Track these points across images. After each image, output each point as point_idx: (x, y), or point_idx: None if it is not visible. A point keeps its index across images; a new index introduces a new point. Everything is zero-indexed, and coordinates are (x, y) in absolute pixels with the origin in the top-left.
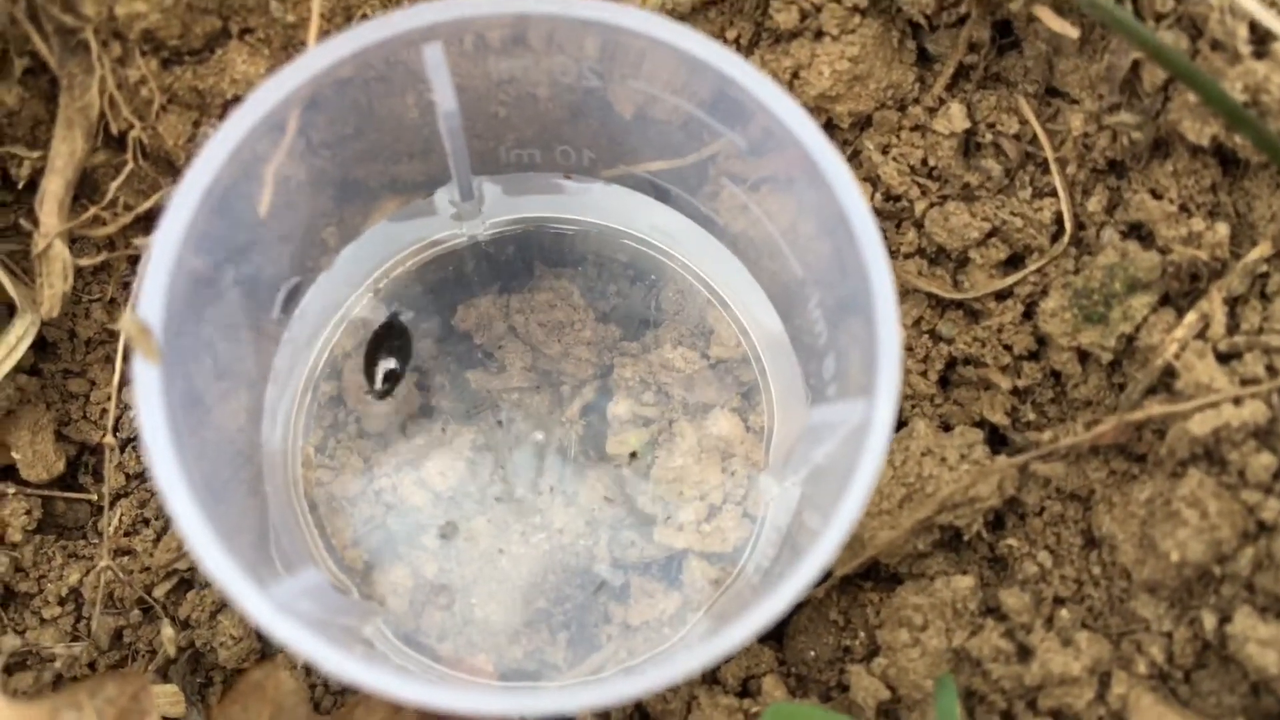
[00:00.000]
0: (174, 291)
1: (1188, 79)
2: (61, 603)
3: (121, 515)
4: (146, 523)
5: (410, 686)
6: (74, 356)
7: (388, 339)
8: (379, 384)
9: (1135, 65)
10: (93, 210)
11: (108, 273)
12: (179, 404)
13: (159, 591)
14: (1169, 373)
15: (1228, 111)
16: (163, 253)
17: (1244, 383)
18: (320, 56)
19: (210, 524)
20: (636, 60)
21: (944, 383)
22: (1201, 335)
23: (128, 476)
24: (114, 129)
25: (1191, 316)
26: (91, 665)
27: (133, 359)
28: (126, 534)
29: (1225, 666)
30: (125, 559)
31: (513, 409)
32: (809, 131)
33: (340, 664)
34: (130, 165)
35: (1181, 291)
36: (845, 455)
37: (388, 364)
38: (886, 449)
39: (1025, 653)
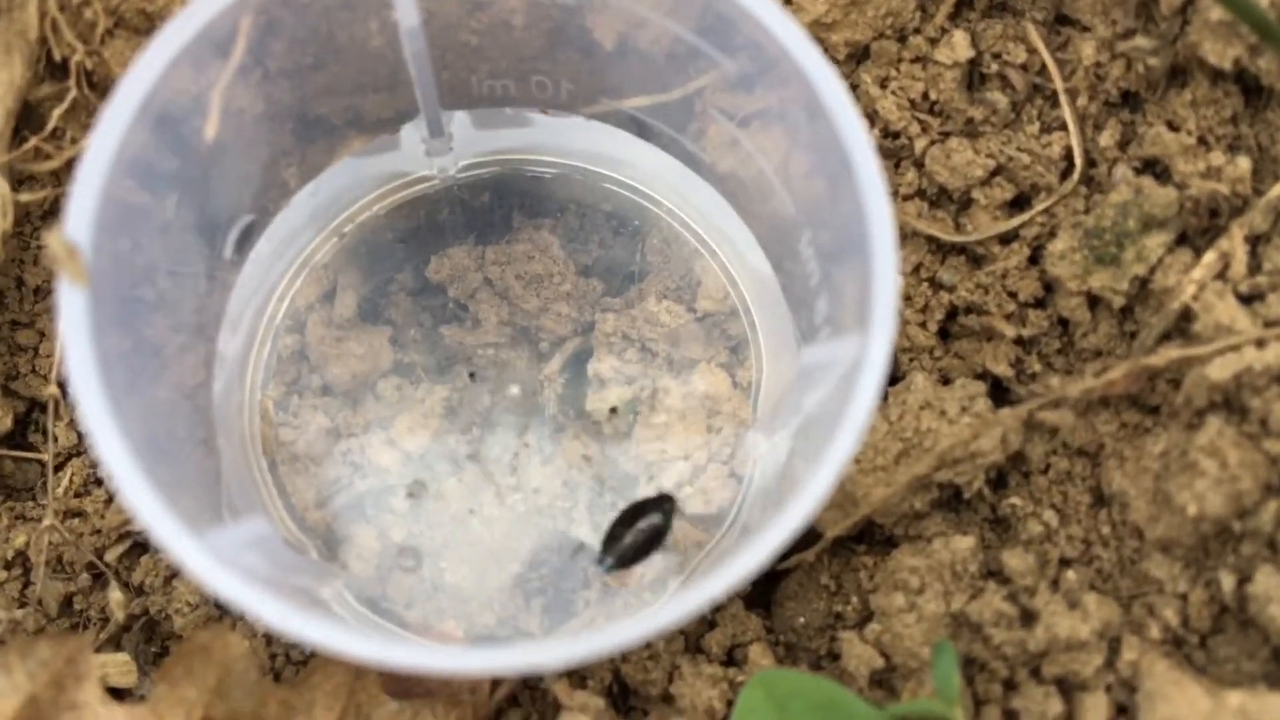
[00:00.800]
0: (106, 220)
1: None
2: (8, 567)
3: (72, 475)
4: (99, 483)
5: (364, 644)
6: (21, 306)
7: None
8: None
9: None
10: (34, 141)
11: (55, 215)
12: (127, 353)
13: (110, 555)
14: (1186, 316)
15: (1256, 25)
16: (91, 174)
17: (1267, 325)
18: None
19: (146, 472)
20: None
21: (944, 334)
22: (1221, 275)
23: (79, 435)
24: (56, 55)
25: (1210, 256)
26: (39, 633)
27: (57, 285)
28: (77, 495)
29: (1244, 630)
30: (75, 521)
31: (488, 365)
32: (808, 55)
33: (284, 617)
34: (74, 93)
35: (1200, 230)
36: (837, 401)
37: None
38: (881, 385)
39: (1029, 617)
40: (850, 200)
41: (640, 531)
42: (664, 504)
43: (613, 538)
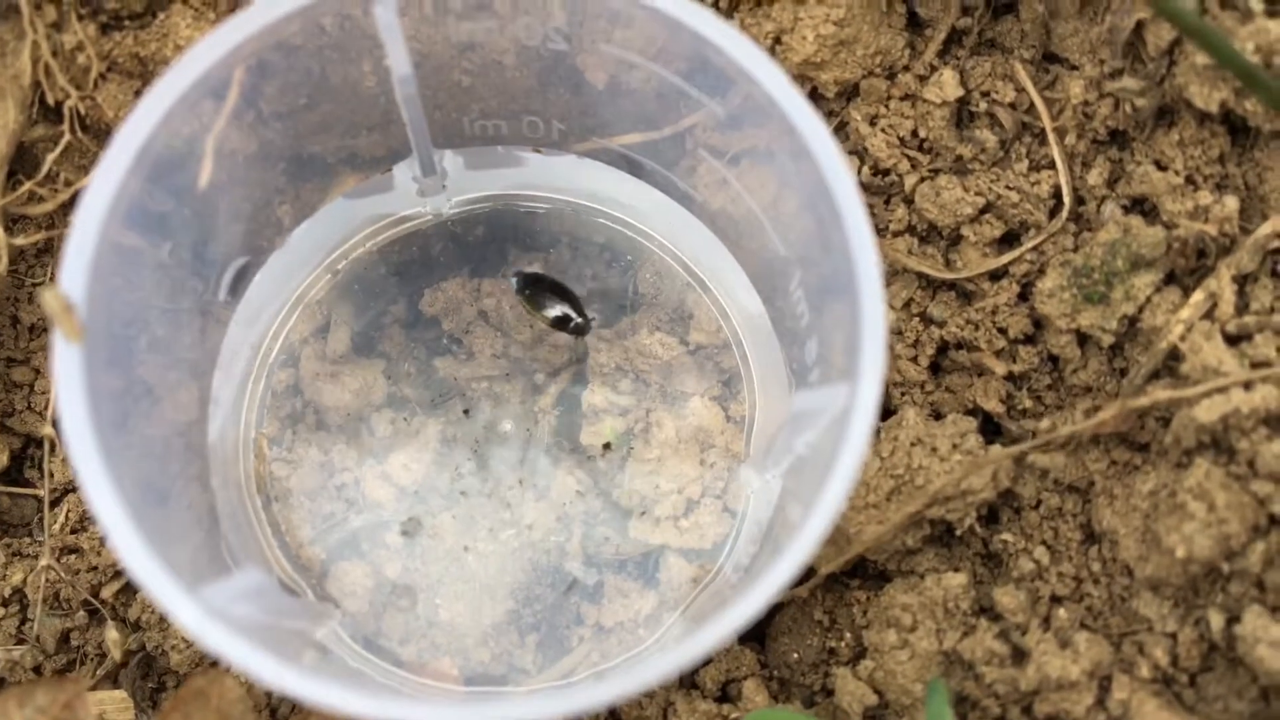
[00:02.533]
0: (102, 265)
1: (1197, 37)
2: (5, 604)
3: (68, 511)
4: (94, 519)
5: (357, 698)
6: (17, 344)
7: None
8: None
9: (1139, 26)
10: (28, 185)
11: (51, 255)
12: (120, 392)
13: (107, 592)
14: (1174, 356)
15: (1240, 72)
16: (88, 222)
17: (1254, 365)
18: (263, 12)
19: (137, 522)
20: (609, 23)
21: (935, 369)
22: (1209, 315)
23: None
24: (50, 99)
25: (1198, 296)
26: (37, 669)
27: (53, 340)
28: (73, 531)
29: (1233, 669)
30: (72, 557)
31: (482, 398)
32: (792, 100)
33: (278, 673)
34: (67, 137)
35: (1188, 269)
36: (828, 444)
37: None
38: (870, 435)
39: (1020, 655)
40: (838, 245)
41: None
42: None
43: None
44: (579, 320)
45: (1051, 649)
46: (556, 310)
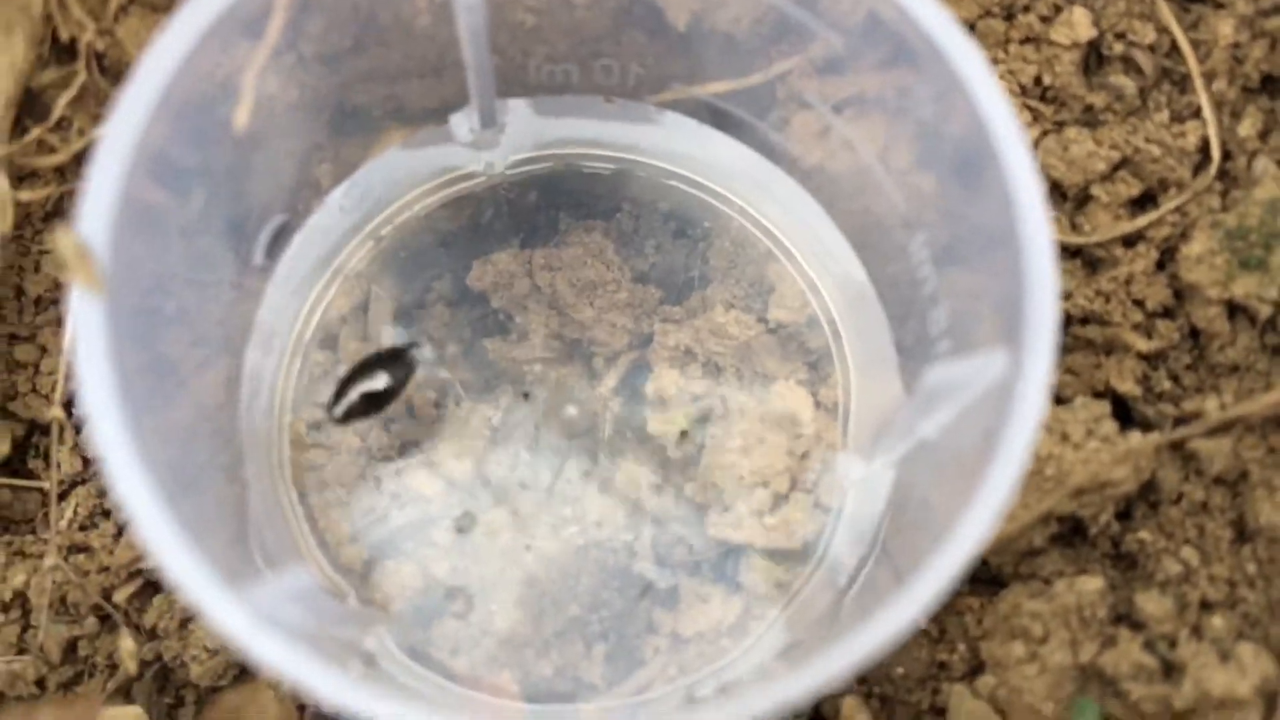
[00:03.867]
0: (123, 222)
1: None
2: (5, 609)
3: (76, 506)
4: (106, 514)
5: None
6: (21, 318)
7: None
8: (342, 407)
9: None
10: (36, 132)
11: (61, 217)
12: (141, 369)
13: (120, 596)
14: None
15: None
16: (108, 169)
17: None
18: None
19: (171, 511)
20: None
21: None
22: None
23: (85, 461)
24: (63, 35)
25: None
26: (40, 683)
27: (70, 294)
28: (82, 528)
29: None
30: (80, 557)
31: (537, 382)
32: (943, 27)
33: (341, 690)
34: (83, 78)
35: None
36: (971, 427)
37: (371, 384)
38: (1042, 414)
39: (1170, 669)
40: (992, 195)
41: (364, 389)
42: (399, 359)
43: (339, 393)
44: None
45: (1211, 662)
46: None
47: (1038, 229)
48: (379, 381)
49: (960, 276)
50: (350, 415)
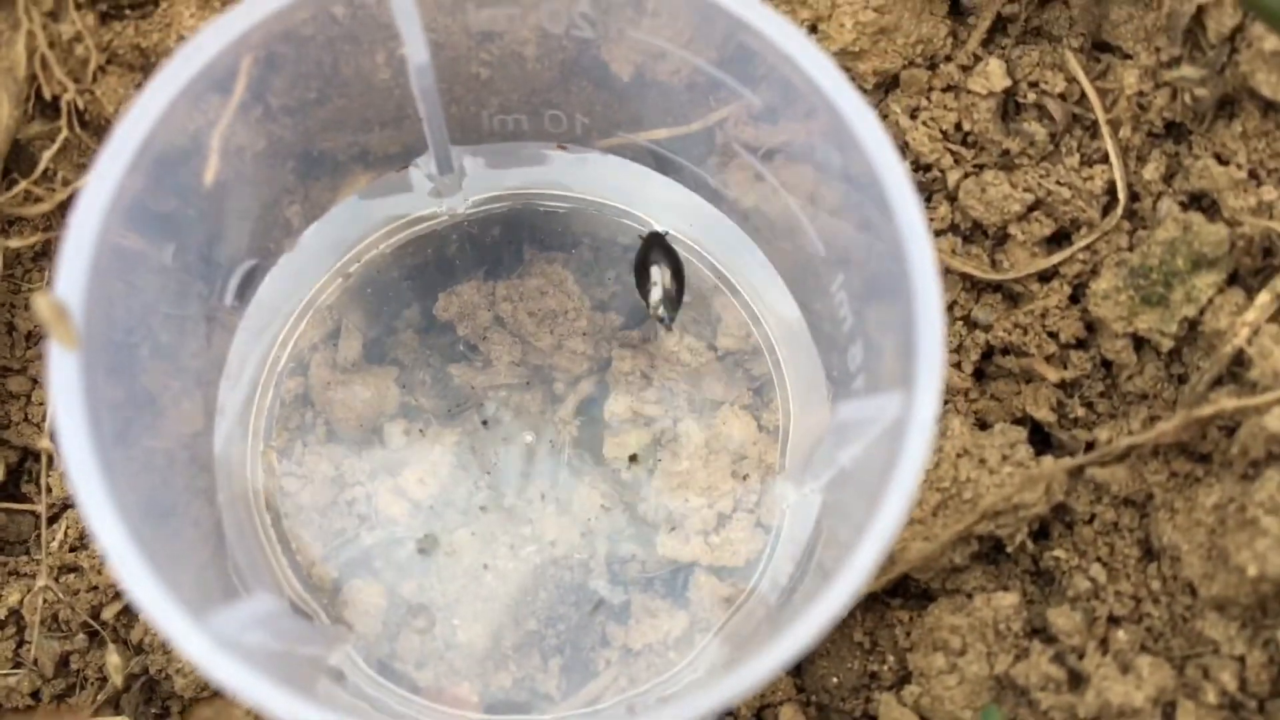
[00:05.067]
0: (101, 269)
1: (1268, 20)
2: (1, 625)
3: (67, 528)
4: (94, 538)
5: None
6: (13, 352)
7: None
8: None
9: (1199, 11)
10: (24, 184)
11: (48, 258)
12: (121, 403)
13: (108, 613)
14: (1239, 361)
15: None
16: (85, 223)
17: None
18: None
19: (140, 545)
20: (636, 9)
21: (980, 375)
22: (1276, 318)
23: None
24: (47, 93)
25: (1264, 297)
26: (35, 694)
27: (48, 348)
28: (72, 549)
29: None
30: (71, 576)
31: (500, 407)
32: (838, 87)
33: (291, 708)
34: (65, 134)
35: (1253, 269)
36: (877, 457)
37: (662, 279)
38: (929, 450)
39: (1078, 679)
40: (887, 241)
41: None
42: (664, 249)
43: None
44: (667, 312)
45: (1112, 673)
46: (658, 282)
47: (928, 285)
48: (666, 268)
49: (873, 317)
50: (670, 304)
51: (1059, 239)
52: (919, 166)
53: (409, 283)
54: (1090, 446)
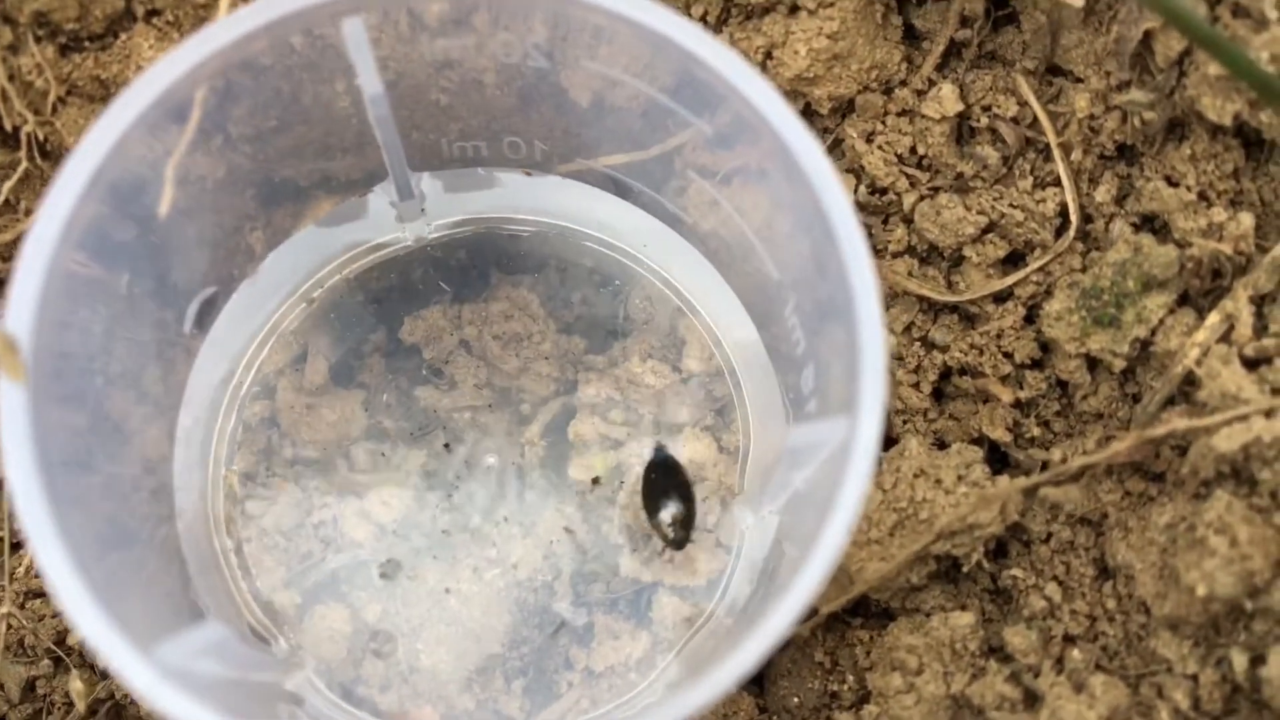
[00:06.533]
0: (52, 297)
1: (1210, 47)
2: None
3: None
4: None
5: None
6: None
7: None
8: (671, 531)
9: (1147, 36)
10: None
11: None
12: (82, 430)
13: (72, 639)
14: (1190, 381)
15: (1255, 83)
16: (36, 253)
17: (1275, 392)
18: (225, 30)
19: (86, 576)
20: (592, 39)
21: (938, 395)
22: (1226, 339)
23: None
24: (7, 124)
25: (1214, 318)
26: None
27: None
28: (36, 575)
29: (1259, 712)
30: (36, 602)
31: (465, 430)
32: (783, 117)
33: None
34: (25, 165)
35: (1202, 290)
36: (827, 480)
37: (672, 508)
38: (871, 473)
39: (1033, 698)
40: (833, 269)
41: (674, 515)
42: (670, 471)
43: (658, 527)
44: (677, 534)
45: (1066, 693)
46: (669, 511)
47: (870, 308)
48: (675, 501)
49: (823, 341)
50: (679, 539)
51: (1013, 260)
52: (875, 190)
53: (374, 306)
54: (1045, 466)
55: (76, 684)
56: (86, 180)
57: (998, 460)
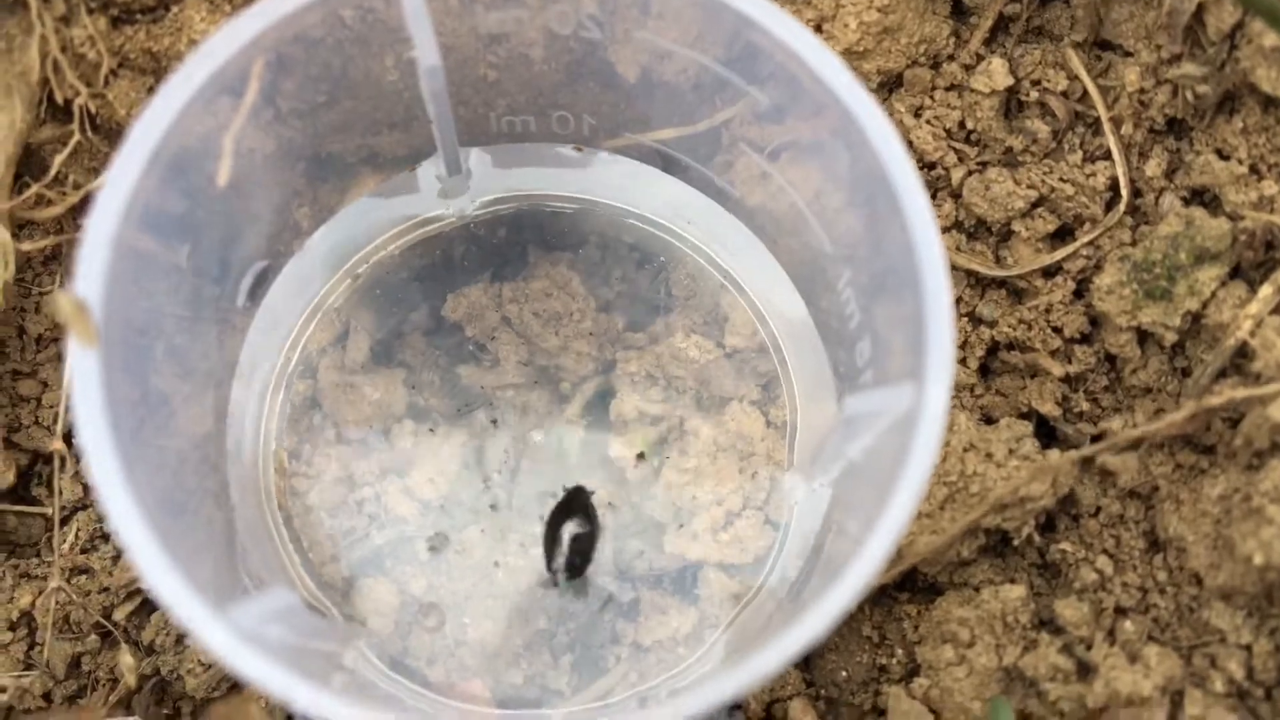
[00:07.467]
0: (117, 270)
1: (1266, 17)
2: (12, 628)
3: (78, 530)
4: (105, 538)
5: None
6: (24, 355)
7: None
8: (564, 556)
9: (1199, 8)
10: (36, 188)
11: (59, 262)
12: (135, 402)
13: (120, 614)
14: (1242, 353)
15: None
16: (103, 223)
17: None
18: (280, 3)
19: (161, 538)
20: (642, 10)
21: (984, 371)
22: (1279, 310)
23: (85, 488)
24: (59, 97)
25: (1267, 290)
26: (46, 696)
27: (68, 346)
28: (83, 550)
29: None
30: (82, 578)
31: (508, 407)
32: (847, 84)
33: (316, 700)
34: (77, 137)
35: (1255, 262)
36: (887, 451)
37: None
38: (940, 442)
39: (1085, 670)
40: (896, 238)
41: (572, 545)
42: (578, 502)
43: (550, 555)
44: (558, 570)
45: (1120, 663)
46: (567, 534)
47: (937, 277)
48: (575, 526)
49: (881, 312)
50: (574, 569)
51: (1062, 235)
52: (923, 165)
53: (417, 284)
54: (1095, 440)
55: (127, 658)
56: (148, 154)
57: (1044, 435)
